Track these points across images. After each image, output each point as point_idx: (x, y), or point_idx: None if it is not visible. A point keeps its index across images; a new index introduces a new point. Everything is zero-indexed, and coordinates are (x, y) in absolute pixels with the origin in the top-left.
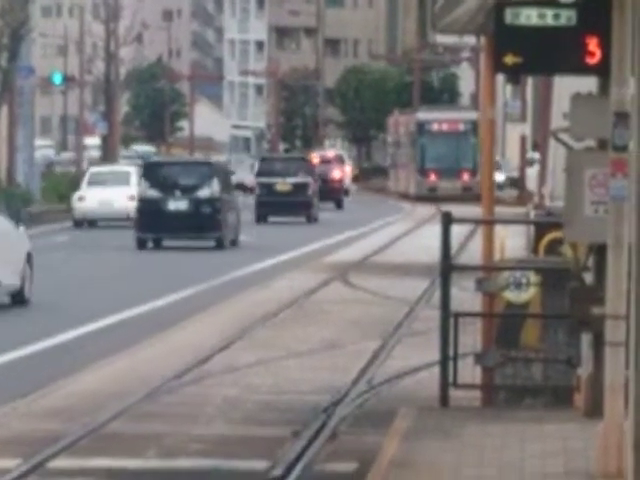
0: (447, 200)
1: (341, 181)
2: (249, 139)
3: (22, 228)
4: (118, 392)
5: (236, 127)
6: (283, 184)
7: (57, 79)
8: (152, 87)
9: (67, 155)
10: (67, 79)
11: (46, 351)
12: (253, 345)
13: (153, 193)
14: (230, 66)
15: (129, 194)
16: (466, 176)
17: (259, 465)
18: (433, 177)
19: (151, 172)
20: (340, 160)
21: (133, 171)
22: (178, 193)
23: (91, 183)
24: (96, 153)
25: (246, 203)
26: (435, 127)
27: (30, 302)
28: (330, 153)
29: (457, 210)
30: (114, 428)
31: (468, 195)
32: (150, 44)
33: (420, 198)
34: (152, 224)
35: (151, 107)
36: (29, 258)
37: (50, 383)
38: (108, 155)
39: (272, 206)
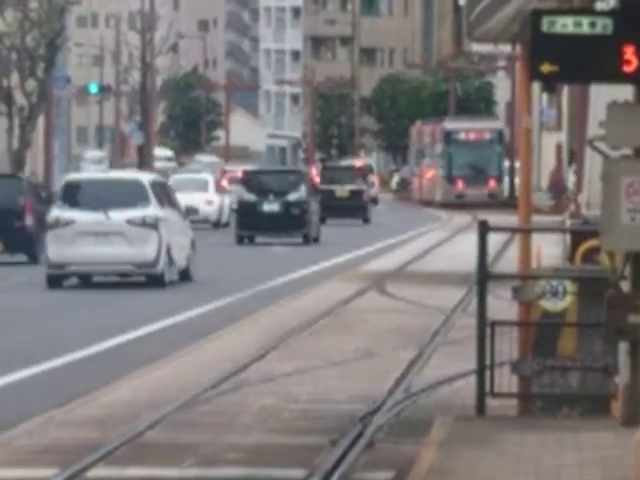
0: (473, 207)
1: (362, 193)
2: (285, 148)
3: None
4: (154, 401)
5: (272, 136)
6: (342, 190)
7: (93, 89)
8: (188, 97)
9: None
10: (103, 89)
11: (79, 362)
12: (290, 354)
13: (250, 197)
14: (266, 75)
15: (207, 199)
16: (492, 183)
17: (296, 474)
18: (460, 184)
19: (249, 179)
20: (368, 170)
21: (210, 179)
22: (271, 197)
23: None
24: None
25: None
26: (462, 136)
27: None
28: (358, 162)
29: (493, 219)
30: (151, 437)
31: (494, 202)
32: (186, 54)
33: (446, 205)
34: (249, 223)
35: (187, 117)
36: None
37: (87, 392)
38: (144, 164)
39: (332, 210)
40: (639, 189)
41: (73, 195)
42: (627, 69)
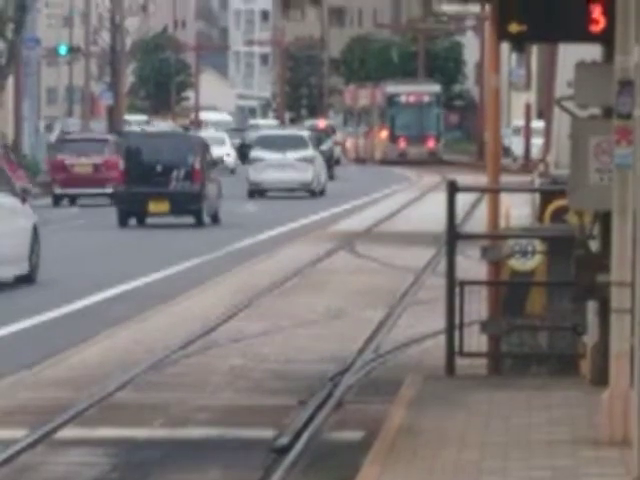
0: (414, 164)
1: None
2: (254, 109)
3: None
4: (124, 362)
5: (241, 97)
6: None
7: (63, 50)
8: (157, 58)
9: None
10: (73, 50)
11: (53, 321)
12: (259, 315)
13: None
14: (235, 36)
15: (227, 152)
16: (431, 142)
17: (266, 434)
18: (402, 143)
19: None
20: (331, 130)
21: (226, 136)
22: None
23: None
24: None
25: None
26: (403, 99)
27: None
28: (321, 123)
29: (463, 179)
30: (120, 398)
31: (433, 159)
32: (155, 15)
33: (387, 162)
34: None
35: (157, 78)
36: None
37: (56, 354)
38: (114, 126)
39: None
40: (607, 149)
41: (263, 143)
42: (594, 28)
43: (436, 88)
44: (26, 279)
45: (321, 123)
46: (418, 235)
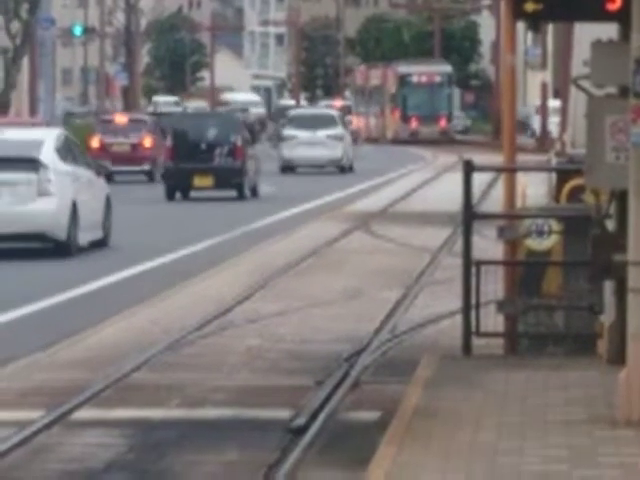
0: (426, 143)
1: None
2: (270, 89)
3: None
4: (140, 343)
5: (257, 77)
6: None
7: (77, 30)
8: (172, 38)
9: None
10: (87, 30)
11: (71, 301)
12: (275, 295)
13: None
14: (250, 16)
15: None
16: (443, 122)
17: (282, 414)
18: (414, 123)
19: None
20: (347, 111)
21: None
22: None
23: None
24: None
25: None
26: (415, 79)
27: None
28: (337, 103)
29: (479, 158)
30: (137, 379)
31: (445, 138)
32: None
33: (399, 142)
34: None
35: (172, 58)
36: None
37: (72, 335)
38: (129, 106)
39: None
40: (623, 127)
41: (295, 121)
42: (611, 7)
43: (447, 68)
44: (100, 244)
45: (337, 103)
46: (434, 215)
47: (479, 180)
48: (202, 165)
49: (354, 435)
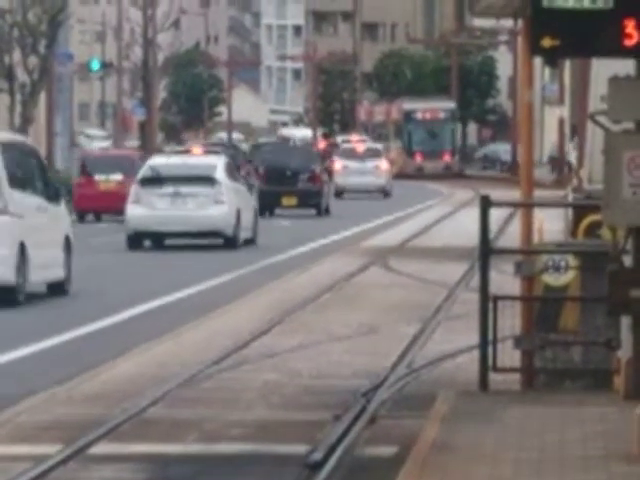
0: (431, 178)
1: None
2: (287, 124)
3: None
4: (157, 377)
5: (274, 112)
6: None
7: (95, 65)
8: (190, 73)
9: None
10: (105, 65)
11: (86, 336)
12: (293, 329)
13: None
14: (267, 51)
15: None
16: (447, 157)
17: (299, 449)
18: (419, 158)
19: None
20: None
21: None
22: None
23: None
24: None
25: None
26: (420, 115)
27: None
28: (354, 138)
29: (496, 194)
30: (154, 414)
31: (449, 173)
32: (188, 30)
33: (405, 177)
34: None
35: (189, 93)
36: None
37: (90, 369)
38: (147, 142)
39: None
40: None
41: (344, 154)
42: (628, 43)
43: (451, 105)
44: (251, 241)
45: (354, 138)
46: (451, 250)
47: (496, 216)
48: (288, 188)
49: (371, 470)
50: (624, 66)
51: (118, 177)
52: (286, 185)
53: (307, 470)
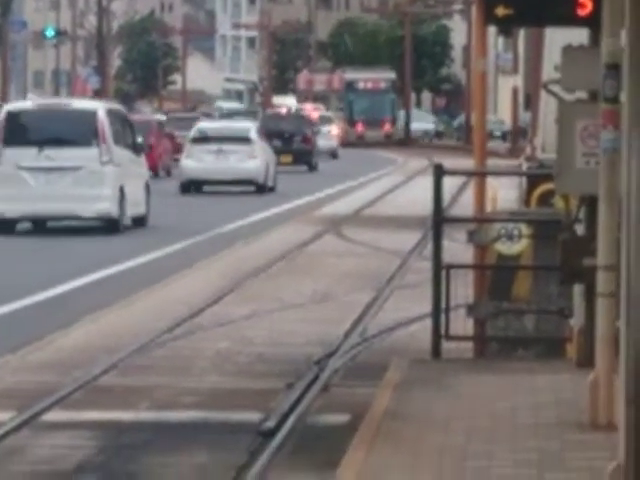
0: (372, 146)
1: None
2: (242, 92)
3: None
4: (109, 346)
5: (228, 80)
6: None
7: (49, 33)
8: (144, 41)
9: None
10: (60, 33)
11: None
12: (245, 298)
13: None
14: (222, 19)
15: None
16: (387, 126)
17: (252, 417)
18: (360, 127)
19: None
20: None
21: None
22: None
23: None
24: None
25: None
26: (361, 85)
27: None
28: (308, 107)
29: (449, 162)
30: (106, 381)
31: (389, 142)
32: None
33: (346, 145)
34: None
35: (143, 61)
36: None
37: (41, 337)
38: None
39: None
40: (594, 132)
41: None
42: (581, 12)
43: (391, 75)
44: (272, 189)
45: (308, 107)
46: (405, 218)
47: (450, 184)
48: (285, 148)
49: (324, 438)
50: (578, 35)
51: None
52: (284, 145)
53: (260, 438)
